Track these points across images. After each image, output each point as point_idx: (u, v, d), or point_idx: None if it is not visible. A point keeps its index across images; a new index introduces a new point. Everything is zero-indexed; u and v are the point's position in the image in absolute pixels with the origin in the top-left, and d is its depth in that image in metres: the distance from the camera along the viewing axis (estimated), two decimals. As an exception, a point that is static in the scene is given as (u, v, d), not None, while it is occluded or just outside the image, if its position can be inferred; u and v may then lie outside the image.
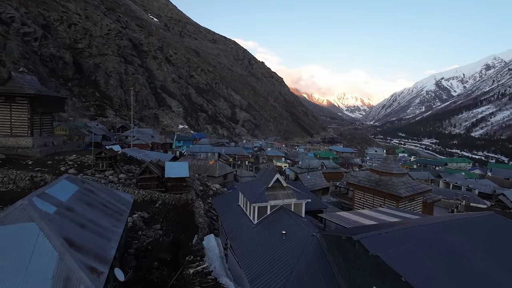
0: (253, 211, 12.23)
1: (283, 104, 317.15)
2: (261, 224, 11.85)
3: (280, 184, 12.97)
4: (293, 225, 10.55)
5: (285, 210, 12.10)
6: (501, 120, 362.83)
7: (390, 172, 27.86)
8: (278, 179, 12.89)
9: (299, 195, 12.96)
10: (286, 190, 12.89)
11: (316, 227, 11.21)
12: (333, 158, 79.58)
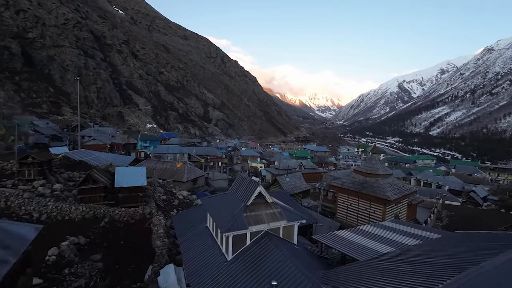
0: (226, 242, 8.66)
1: (257, 103, 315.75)
2: (238, 261, 8.31)
3: (264, 200, 9.57)
4: (286, 265, 7.21)
5: (272, 239, 8.72)
6: (454, 120, 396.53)
7: (375, 173, 25.80)
8: (261, 193, 9.46)
9: (290, 214, 9.64)
10: (272, 209, 9.51)
11: (317, 261, 7.95)
12: (309, 158, 78.49)
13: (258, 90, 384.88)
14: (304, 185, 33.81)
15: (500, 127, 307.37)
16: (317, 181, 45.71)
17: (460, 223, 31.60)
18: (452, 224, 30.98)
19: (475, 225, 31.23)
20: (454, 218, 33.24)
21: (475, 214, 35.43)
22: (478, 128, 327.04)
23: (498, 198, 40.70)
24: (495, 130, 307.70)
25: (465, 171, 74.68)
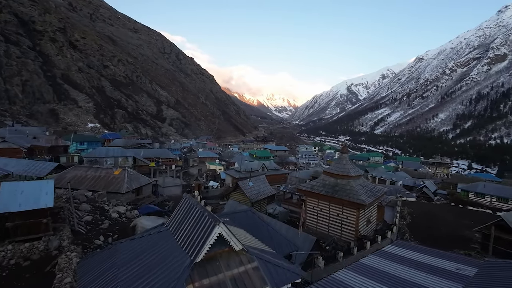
0: None
1: (215, 102, 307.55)
2: None
3: (228, 248, 5.36)
4: None
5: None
6: (394, 120, 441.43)
7: (347, 175, 23.55)
8: (222, 237, 5.27)
9: (276, 273, 5.49)
10: (243, 264, 5.37)
11: None
12: (270, 157, 76.17)
13: (216, 89, 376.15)
14: (269, 189, 30.50)
15: (430, 126, 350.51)
16: (281, 183, 43.04)
17: (422, 220, 31.70)
18: (415, 222, 30.86)
19: (437, 222, 31.63)
20: (415, 215, 33.48)
21: (431, 210, 36.44)
22: (413, 127, 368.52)
23: (447, 192, 43.01)
24: (426, 129, 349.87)
25: (411, 167, 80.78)
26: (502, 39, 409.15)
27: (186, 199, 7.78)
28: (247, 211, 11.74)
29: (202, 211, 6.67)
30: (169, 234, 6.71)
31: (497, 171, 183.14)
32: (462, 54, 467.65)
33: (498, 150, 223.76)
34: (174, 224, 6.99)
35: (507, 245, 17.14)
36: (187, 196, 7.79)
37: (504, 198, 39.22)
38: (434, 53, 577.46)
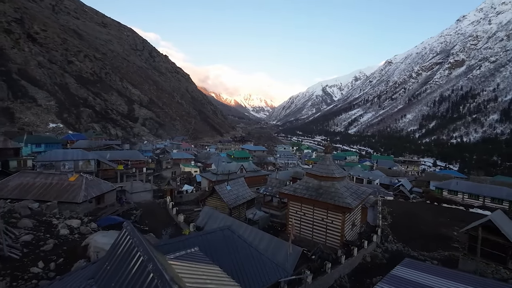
0: None
1: (191, 102, 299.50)
2: None
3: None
4: None
5: None
6: (366, 120, 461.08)
7: (331, 176, 22.20)
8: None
9: None
10: None
11: None
12: (249, 158, 73.98)
13: (192, 88, 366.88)
14: (248, 193, 28.48)
15: (399, 126, 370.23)
16: (261, 184, 41.22)
17: (402, 220, 31.50)
18: (396, 222, 30.57)
19: (416, 221, 31.59)
20: (395, 214, 33.33)
21: (409, 208, 36.65)
22: (384, 127, 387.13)
23: (422, 190, 43.88)
24: (395, 129, 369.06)
25: (385, 165, 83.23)
26: (460, 46, 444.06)
27: (123, 236, 5.31)
28: (224, 230, 9.67)
29: (146, 260, 4.39)
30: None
31: (458, 168, 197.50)
32: (427, 59, 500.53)
33: (458, 148, 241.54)
34: (102, 280, 4.64)
35: (493, 246, 16.73)
36: (127, 228, 5.35)
37: (475, 195, 40.92)
38: (402, 57, 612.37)
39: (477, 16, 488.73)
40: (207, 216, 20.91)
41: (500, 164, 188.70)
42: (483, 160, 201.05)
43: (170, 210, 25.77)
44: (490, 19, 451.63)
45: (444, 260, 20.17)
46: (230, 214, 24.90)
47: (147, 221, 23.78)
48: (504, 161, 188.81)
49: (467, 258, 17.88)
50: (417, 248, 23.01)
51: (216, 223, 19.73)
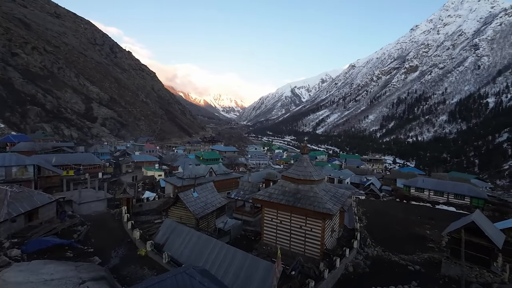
0: None
1: (157, 101, 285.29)
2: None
3: None
4: None
5: None
6: (333, 120, 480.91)
7: (309, 179, 20.32)
8: None
9: None
10: None
11: None
12: (219, 159, 70.33)
13: (159, 87, 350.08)
14: (218, 199, 25.59)
15: (362, 126, 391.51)
16: (232, 188, 38.44)
17: (376, 220, 31.02)
18: (371, 223, 29.96)
19: (390, 220, 31.32)
20: (368, 214, 32.90)
21: (381, 207, 36.68)
22: (349, 127, 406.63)
23: (391, 188, 44.63)
24: (359, 129, 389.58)
25: (353, 164, 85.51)
26: (414, 52, 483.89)
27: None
28: (181, 275, 6.84)
29: None
30: None
31: (414, 164, 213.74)
32: (386, 64, 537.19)
33: (414, 147, 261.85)
34: None
35: (476, 249, 16.13)
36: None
37: (440, 192, 42.77)
38: (364, 62, 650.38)
39: (427, 26, 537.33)
40: (169, 230, 17.69)
41: (449, 160, 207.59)
42: (435, 157, 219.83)
43: (125, 224, 21.89)
44: (439, 30, 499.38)
45: (425, 263, 19.42)
46: (198, 225, 21.84)
47: (95, 239, 19.74)
48: (452, 157, 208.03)
49: (450, 262, 17.17)
50: (396, 251, 22.16)
51: (180, 239, 16.64)
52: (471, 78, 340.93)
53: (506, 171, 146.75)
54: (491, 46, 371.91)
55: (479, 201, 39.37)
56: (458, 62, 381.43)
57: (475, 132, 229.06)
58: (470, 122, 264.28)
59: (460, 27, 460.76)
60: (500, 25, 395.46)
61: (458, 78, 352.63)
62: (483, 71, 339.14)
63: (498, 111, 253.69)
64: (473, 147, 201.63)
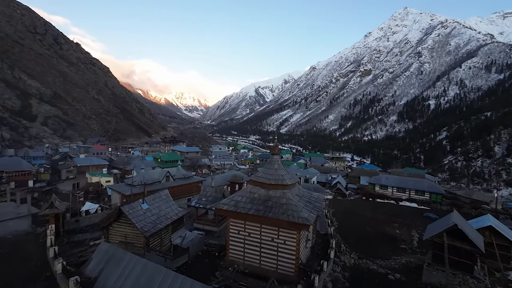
0: None
1: (111, 98, 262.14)
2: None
3: None
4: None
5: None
6: (296, 120, 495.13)
7: (281, 184, 17.68)
8: None
9: None
10: None
11: None
12: (180, 161, 64.62)
13: (113, 83, 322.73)
14: (175, 209, 21.64)
15: (323, 126, 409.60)
16: (192, 194, 34.43)
17: (346, 221, 29.89)
18: (342, 224, 28.66)
19: (359, 220, 30.40)
20: (338, 215, 31.76)
21: (349, 207, 36.01)
22: (311, 126, 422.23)
23: (357, 186, 44.69)
24: (320, 128, 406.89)
25: (318, 162, 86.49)
26: (368, 57, 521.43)
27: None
28: None
29: None
30: None
31: (370, 161, 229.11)
32: (343, 67, 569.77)
33: (369, 145, 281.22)
34: None
35: (458, 254, 15.11)
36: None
37: (402, 188, 44.11)
38: (324, 64, 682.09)
39: (379, 33, 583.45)
40: (105, 258, 13.50)
41: (399, 156, 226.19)
42: (387, 154, 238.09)
43: (47, 250, 16.82)
44: (388, 37, 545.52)
45: (404, 270, 18.19)
46: (148, 244, 17.76)
47: (1, 273, 14.55)
48: (402, 154, 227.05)
49: (431, 268, 15.99)
50: (371, 255, 20.78)
51: (118, 270, 12.62)
52: (415, 82, 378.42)
53: (446, 166, 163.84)
54: (431, 54, 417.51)
55: (437, 196, 41.49)
56: (404, 68, 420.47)
57: (420, 131, 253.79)
58: (415, 121, 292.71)
59: (406, 36, 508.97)
60: (438, 36, 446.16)
61: (405, 82, 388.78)
62: (425, 76, 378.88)
63: (438, 112, 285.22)
64: (418, 144, 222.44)
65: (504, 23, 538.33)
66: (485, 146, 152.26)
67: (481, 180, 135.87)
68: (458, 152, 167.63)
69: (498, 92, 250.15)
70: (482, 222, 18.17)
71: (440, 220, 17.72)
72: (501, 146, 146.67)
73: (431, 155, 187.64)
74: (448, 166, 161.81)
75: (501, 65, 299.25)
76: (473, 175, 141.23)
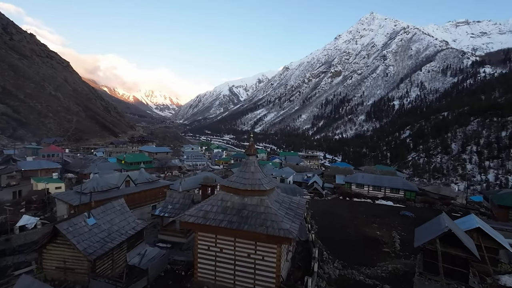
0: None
1: (72, 95, 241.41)
2: None
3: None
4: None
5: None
6: (270, 119, 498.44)
7: (258, 190, 15.20)
8: None
9: None
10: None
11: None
12: (147, 162, 59.18)
13: (74, 79, 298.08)
14: (131, 223, 18.14)
15: (296, 125, 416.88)
16: (158, 200, 30.70)
17: (325, 223, 28.37)
18: (322, 228, 27.02)
19: (339, 222, 29.06)
20: (317, 218, 30.19)
21: (327, 208, 34.73)
22: (284, 126, 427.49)
23: (333, 186, 43.85)
24: (294, 127, 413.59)
25: (293, 161, 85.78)
26: (338, 59, 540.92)
27: None
28: None
29: None
30: None
31: (341, 159, 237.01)
32: (315, 68, 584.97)
33: (340, 143, 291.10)
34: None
35: (452, 261, 13.88)
36: None
37: (377, 187, 44.15)
38: (296, 65, 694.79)
39: (348, 36, 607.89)
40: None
41: (368, 154, 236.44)
42: (357, 152, 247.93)
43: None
44: (357, 40, 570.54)
45: (392, 279, 16.75)
46: (93, 269, 14.23)
47: None
48: (370, 152, 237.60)
49: (423, 278, 14.63)
50: (355, 263, 19.19)
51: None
52: (381, 83, 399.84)
53: (410, 162, 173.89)
54: (395, 58, 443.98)
55: (411, 194, 42.12)
56: (372, 70, 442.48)
57: (386, 129, 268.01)
58: (382, 121, 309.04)
59: (373, 40, 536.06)
60: (401, 41, 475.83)
61: (372, 83, 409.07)
62: (390, 78, 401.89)
63: (401, 112, 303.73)
64: (385, 142, 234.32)
65: (457, 32, 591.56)
66: (443, 143, 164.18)
67: (440, 175, 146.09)
68: (420, 149, 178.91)
69: (452, 94, 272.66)
70: (468, 224, 17.43)
71: (428, 224, 16.62)
72: (457, 143, 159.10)
73: (396, 152, 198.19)
74: (411, 162, 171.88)
75: (455, 69, 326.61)
76: (433, 170, 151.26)
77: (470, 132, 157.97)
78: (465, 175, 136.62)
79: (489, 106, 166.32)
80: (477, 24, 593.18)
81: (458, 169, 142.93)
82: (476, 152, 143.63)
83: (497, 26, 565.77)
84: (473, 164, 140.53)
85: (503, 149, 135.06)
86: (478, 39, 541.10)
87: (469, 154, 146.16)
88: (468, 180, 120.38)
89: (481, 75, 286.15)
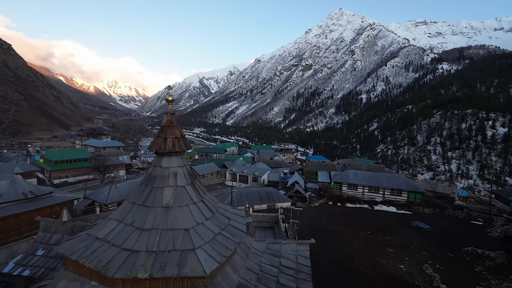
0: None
1: (12, 81, 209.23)
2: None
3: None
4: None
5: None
6: (242, 112, 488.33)
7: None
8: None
9: None
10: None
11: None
12: (82, 160, 46.51)
13: (17, 64, 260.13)
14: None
15: (268, 118, 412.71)
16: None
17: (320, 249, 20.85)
18: (316, 261, 19.52)
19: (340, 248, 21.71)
20: (305, 237, 22.65)
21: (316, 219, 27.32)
22: (256, 118, 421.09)
23: (319, 186, 36.84)
24: (266, 120, 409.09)
25: (267, 155, 78.58)
26: (309, 53, 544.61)
27: None
28: None
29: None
30: None
31: (313, 152, 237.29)
32: (287, 61, 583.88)
33: (312, 136, 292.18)
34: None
35: None
36: None
37: (374, 187, 36.61)
38: (268, 57, 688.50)
39: (318, 31, 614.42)
40: None
41: (338, 146, 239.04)
42: (328, 144, 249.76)
43: None
44: (326, 35, 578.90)
45: None
46: None
47: None
48: (340, 144, 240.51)
49: None
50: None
51: None
52: (350, 78, 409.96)
53: (379, 154, 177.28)
54: (362, 53, 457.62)
55: (416, 196, 34.79)
56: (341, 64, 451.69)
57: (355, 122, 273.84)
58: (351, 114, 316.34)
59: (341, 35, 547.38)
60: (368, 37, 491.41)
61: (341, 77, 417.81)
62: (358, 72, 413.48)
63: (369, 105, 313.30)
64: (354, 135, 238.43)
65: (416, 31, 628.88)
66: (410, 135, 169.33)
67: (407, 166, 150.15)
68: (388, 141, 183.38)
69: (415, 88, 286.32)
70: None
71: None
72: (422, 135, 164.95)
73: (366, 144, 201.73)
74: (380, 154, 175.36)
75: (416, 65, 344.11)
76: (401, 161, 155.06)
77: (434, 124, 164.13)
78: (431, 165, 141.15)
79: (450, 99, 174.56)
80: (434, 25, 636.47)
81: (424, 160, 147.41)
82: (440, 143, 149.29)
83: (450, 27, 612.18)
84: (437, 155, 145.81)
85: (463, 140, 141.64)
86: (434, 38, 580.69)
87: (433, 145, 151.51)
88: (492, 175, 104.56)
89: (439, 71, 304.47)
